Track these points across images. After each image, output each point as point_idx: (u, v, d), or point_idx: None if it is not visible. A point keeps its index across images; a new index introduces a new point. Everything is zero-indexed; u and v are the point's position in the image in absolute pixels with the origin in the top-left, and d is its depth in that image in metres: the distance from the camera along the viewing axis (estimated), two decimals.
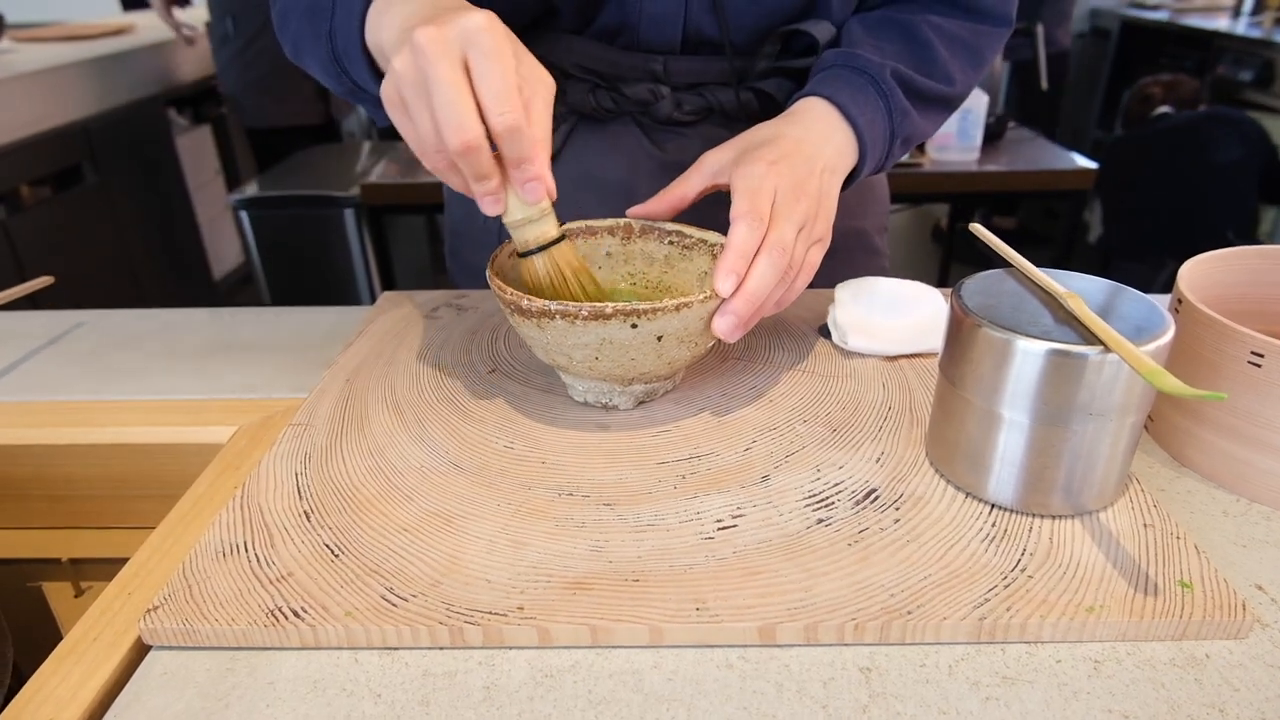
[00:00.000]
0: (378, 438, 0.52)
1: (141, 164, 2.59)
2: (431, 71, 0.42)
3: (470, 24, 0.42)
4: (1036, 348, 0.40)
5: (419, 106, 0.43)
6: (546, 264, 0.51)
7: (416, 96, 0.43)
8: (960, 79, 0.65)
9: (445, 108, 0.42)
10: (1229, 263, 0.56)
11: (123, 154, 2.49)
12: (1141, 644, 0.38)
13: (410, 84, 0.43)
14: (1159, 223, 2.29)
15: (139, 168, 2.57)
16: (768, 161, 0.52)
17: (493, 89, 0.43)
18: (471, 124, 0.42)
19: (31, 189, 2.18)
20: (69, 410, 0.60)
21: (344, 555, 0.42)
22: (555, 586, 0.40)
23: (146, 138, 2.63)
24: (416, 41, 0.42)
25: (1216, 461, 0.49)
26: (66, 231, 2.25)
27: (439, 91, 0.42)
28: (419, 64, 0.42)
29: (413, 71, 0.43)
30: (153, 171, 2.65)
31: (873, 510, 0.45)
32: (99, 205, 2.38)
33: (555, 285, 0.51)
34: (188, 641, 0.39)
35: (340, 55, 0.54)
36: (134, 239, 2.51)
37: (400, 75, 0.43)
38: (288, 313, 0.76)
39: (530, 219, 0.49)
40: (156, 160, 2.68)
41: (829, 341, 0.63)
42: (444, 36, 0.42)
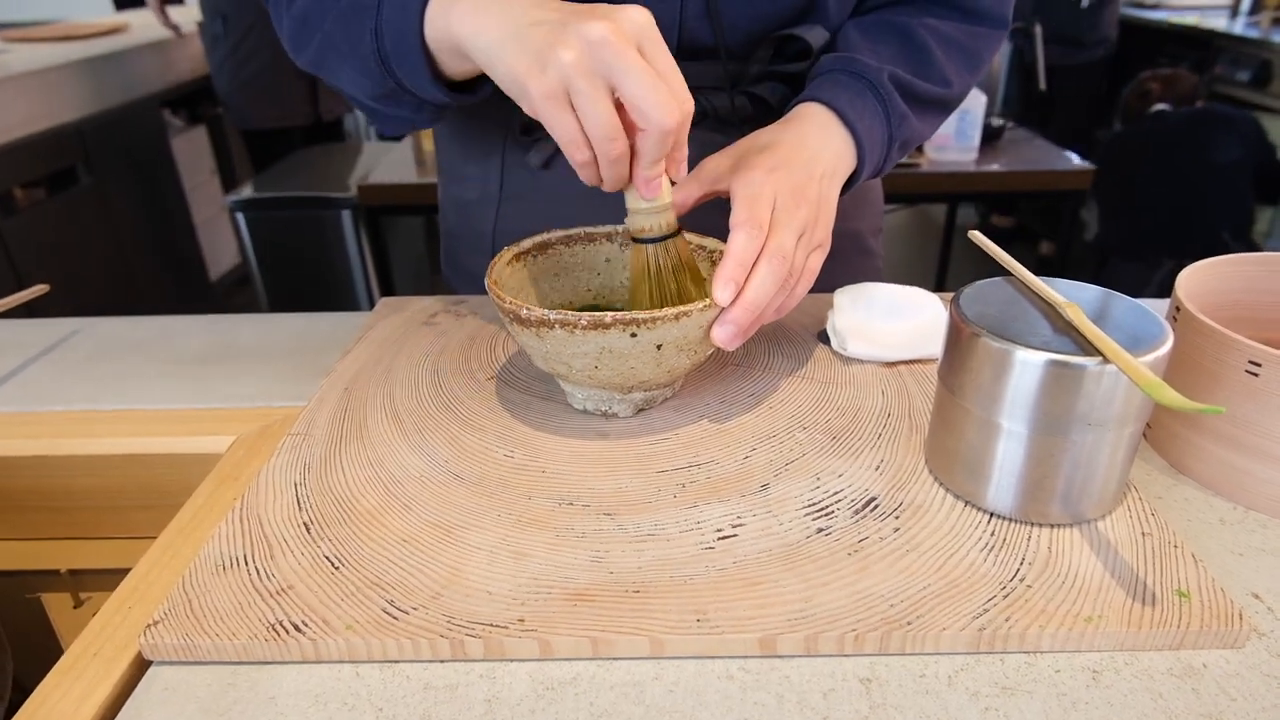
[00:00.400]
0: (377, 447, 0.52)
1: (136, 165, 2.58)
2: (622, 63, 0.42)
3: (639, 16, 0.44)
4: (1035, 358, 0.40)
5: (594, 98, 0.44)
6: (672, 252, 0.52)
7: (592, 88, 0.43)
8: (957, 81, 0.66)
9: (651, 93, 0.43)
10: (1226, 269, 0.56)
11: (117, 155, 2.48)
12: (1139, 654, 0.38)
13: (586, 74, 0.43)
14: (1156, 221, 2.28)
15: (134, 169, 2.56)
16: (767, 168, 0.52)
17: (678, 79, 0.45)
18: (680, 100, 0.44)
19: (25, 191, 2.17)
20: (66, 421, 0.60)
21: (344, 567, 0.42)
22: (556, 598, 0.40)
23: (141, 139, 2.62)
24: (592, 35, 0.42)
25: (1214, 469, 0.49)
26: (61, 234, 2.24)
27: (636, 78, 0.43)
28: (600, 55, 0.42)
29: (590, 62, 0.43)
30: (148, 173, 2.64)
31: (872, 519, 0.45)
32: (94, 207, 2.37)
33: (671, 273, 0.52)
34: (188, 656, 0.39)
35: (389, 54, 0.53)
36: (129, 241, 2.51)
37: (572, 66, 0.43)
38: (285, 319, 0.76)
39: (669, 204, 0.50)
40: (152, 161, 2.67)
41: (828, 347, 0.63)
42: (621, 29, 0.43)
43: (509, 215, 0.73)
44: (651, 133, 0.44)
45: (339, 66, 0.57)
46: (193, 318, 0.76)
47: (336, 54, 0.56)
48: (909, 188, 2.01)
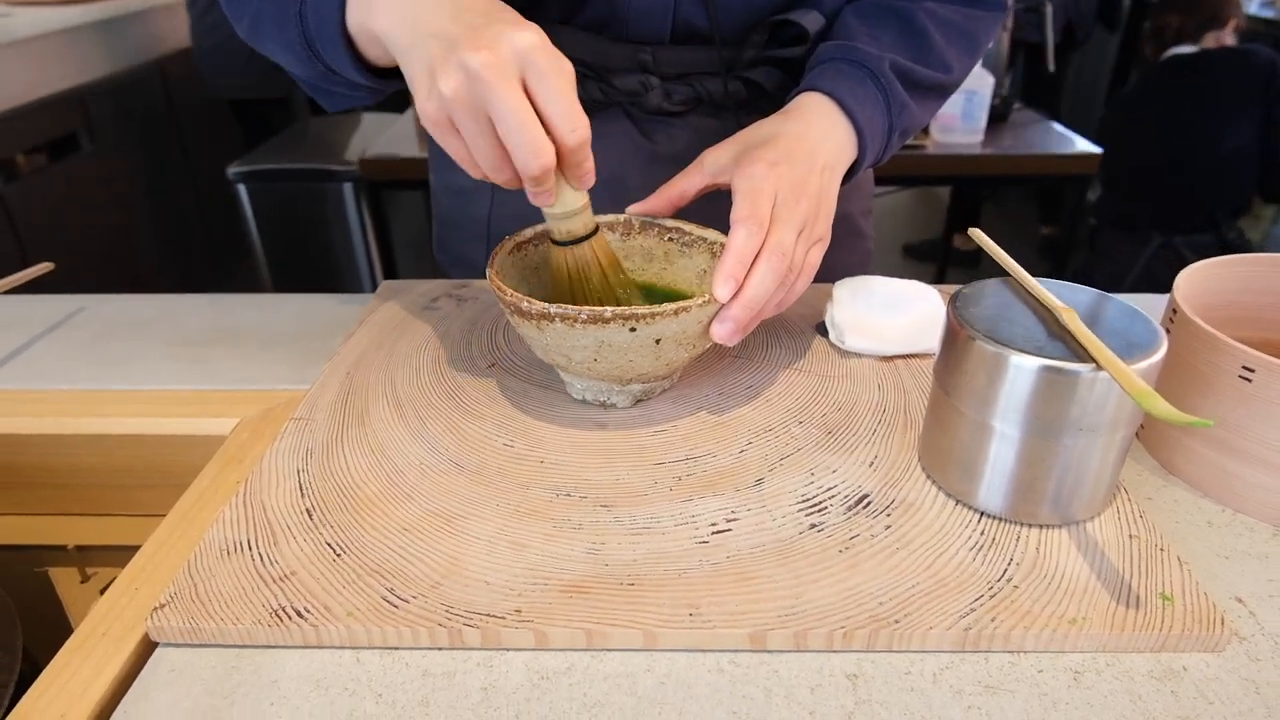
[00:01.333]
0: (378, 434, 0.53)
1: (140, 132, 2.57)
2: (494, 98, 0.41)
3: (522, 42, 0.42)
4: (1029, 363, 0.41)
5: (475, 130, 0.43)
6: (585, 253, 0.52)
7: (472, 121, 0.43)
8: (957, 66, 0.65)
9: (517, 134, 0.42)
10: (1225, 270, 0.57)
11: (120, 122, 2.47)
12: (1121, 655, 0.39)
13: (465, 108, 0.42)
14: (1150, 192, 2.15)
15: (137, 136, 2.55)
16: (768, 162, 0.52)
17: (560, 110, 0.43)
18: (547, 148, 0.43)
19: (27, 158, 2.16)
20: (73, 400, 0.61)
21: (346, 555, 0.43)
22: (552, 589, 0.41)
23: (144, 105, 2.61)
24: (470, 66, 0.41)
25: (1204, 472, 0.50)
26: (63, 200, 2.24)
27: (508, 119, 0.42)
28: (476, 90, 0.41)
29: (467, 96, 0.42)
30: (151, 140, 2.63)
31: (864, 516, 0.46)
32: (96, 174, 2.37)
33: (585, 275, 0.53)
34: (193, 639, 0.40)
35: (313, 38, 0.52)
36: (132, 208, 2.50)
37: (451, 100, 0.42)
38: (287, 300, 0.76)
39: (575, 211, 0.50)
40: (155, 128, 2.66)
41: (826, 340, 0.63)
42: (499, 60, 0.41)
43: (504, 201, 0.73)
44: (520, 171, 0.44)
45: (272, 44, 0.56)
46: (196, 297, 0.77)
47: (268, 32, 0.55)
48: (915, 169, 2.00)
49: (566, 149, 0.44)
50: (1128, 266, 2.14)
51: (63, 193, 2.24)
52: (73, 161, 2.30)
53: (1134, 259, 2.14)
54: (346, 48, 0.50)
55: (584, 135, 0.44)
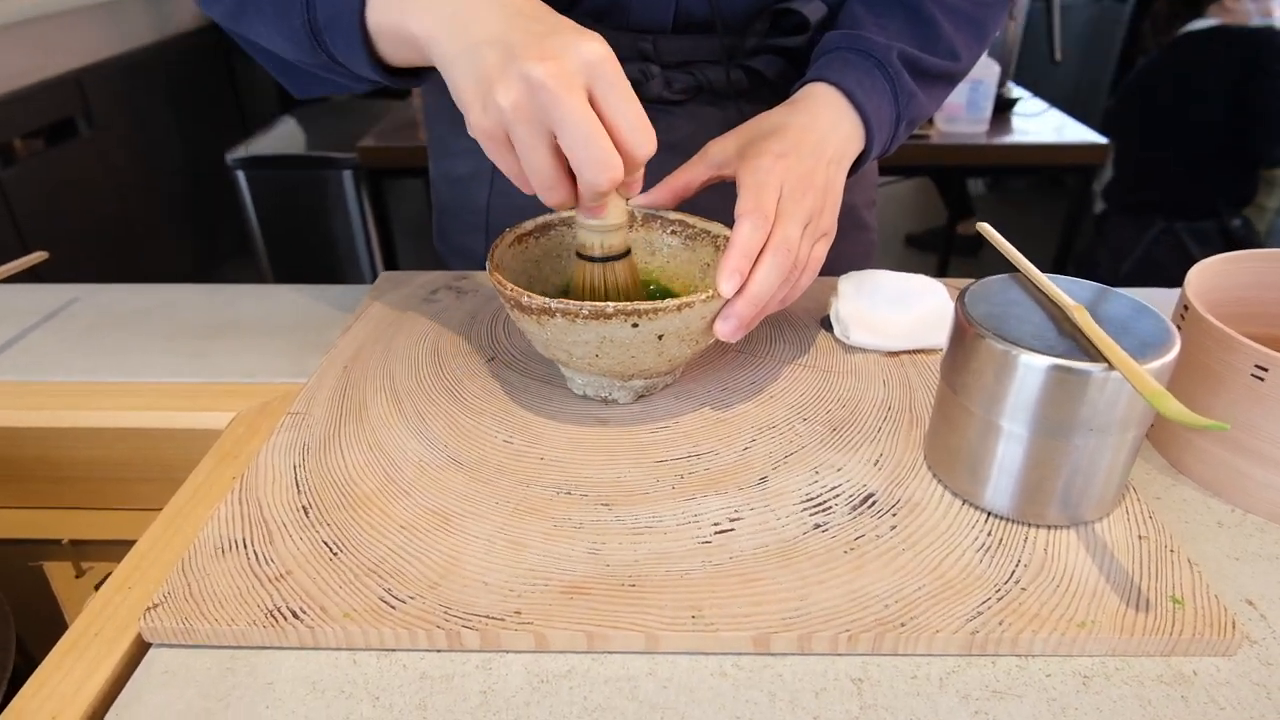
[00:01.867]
0: (376, 429, 0.52)
1: (138, 117, 2.55)
2: (562, 111, 0.39)
3: (590, 53, 0.40)
4: (1039, 362, 0.40)
5: (533, 146, 0.41)
6: (621, 272, 0.50)
7: (532, 136, 0.41)
8: (965, 54, 0.64)
9: (587, 149, 0.40)
10: (1236, 265, 0.56)
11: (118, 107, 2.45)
12: (1131, 659, 0.39)
13: (526, 121, 0.41)
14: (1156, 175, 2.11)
15: (135, 121, 2.53)
16: (774, 154, 0.51)
17: (630, 123, 0.41)
18: (617, 162, 0.41)
19: (25, 142, 2.15)
20: (68, 392, 0.60)
21: (343, 553, 0.43)
22: (552, 590, 0.40)
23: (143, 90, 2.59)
24: (534, 77, 0.39)
25: (1214, 471, 0.49)
26: (61, 186, 2.22)
27: (577, 132, 0.40)
28: (540, 102, 0.40)
29: (529, 109, 0.40)
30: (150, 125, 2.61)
31: (869, 516, 0.45)
32: (93, 159, 2.35)
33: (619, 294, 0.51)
34: (187, 640, 0.39)
35: (322, 29, 0.49)
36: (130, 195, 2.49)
37: (511, 112, 0.40)
38: (285, 291, 0.75)
39: (620, 225, 0.48)
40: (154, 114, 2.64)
41: (830, 335, 0.62)
42: (565, 70, 0.39)
43: (503, 191, 0.72)
44: (584, 187, 0.43)
45: (259, 25, 0.53)
46: (193, 287, 0.76)
47: (261, 14, 0.52)
48: (919, 159, 1.98)
49: (635, 163, 0.43)
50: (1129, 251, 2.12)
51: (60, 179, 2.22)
52: (70, 147, 2.28)
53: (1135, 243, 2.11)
54: (363, 43, 0.48)
55: (653, 148, 0.42)
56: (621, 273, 0.50)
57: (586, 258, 0.50)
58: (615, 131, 0.41)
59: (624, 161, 0.42)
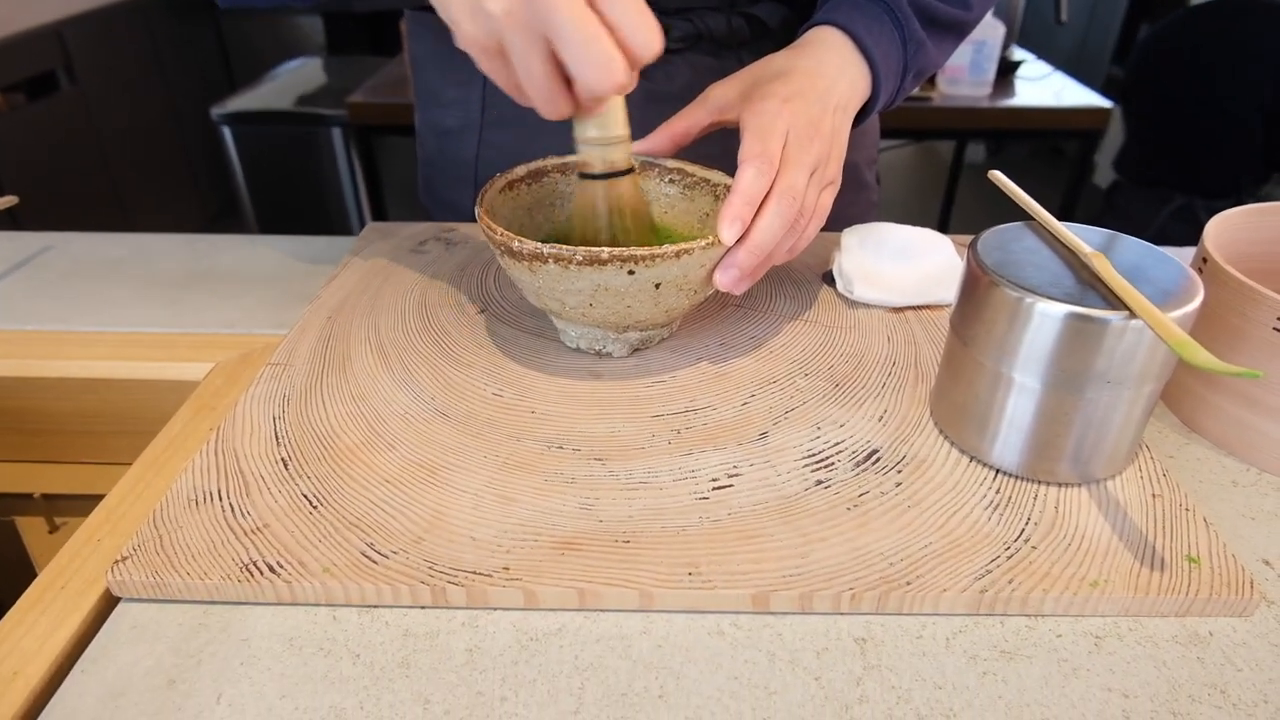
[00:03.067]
0: (360, 381, 0.50)
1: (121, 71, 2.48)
2: (561, 17, 0.36)
3: None
4: (1055, 310, 0.38)
5: (528, 53, 0.38)
6: (625, 189, 0.48)
7: (529, 43, 0.38)
8: (976, 4, 0.62)
9: (586, 49, 0.37)
10: (1256, 219, 0.54)
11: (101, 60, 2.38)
12: (1144, 619, 0.37)
13: (519, 28, 0.38)
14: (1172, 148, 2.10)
15: (118, 75, 2.47)
16: (780, 98, 0.49)
17: (635, 22, 0.38)
18: (621, 62, 0.38)
19: (4, 96, 2.09)
20: (39, 341, 0.58)
21: (323, 507, 0.41)
22: (543, 546, 0.39)
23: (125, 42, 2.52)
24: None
25: (1228, 429, 0.48)
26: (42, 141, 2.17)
27: (575, 33, 0.37)
28: (536, 7, 0.37)
29: (523, 13, 0.37)
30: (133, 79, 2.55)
31: (874, 472, 0.43)
32: (75, 114, 2.30)
33: (621, 214, 0.48)
34: (158, 594, 0.37)
35: None
36: (113, 150, 2.43)
37: (503, 18, 0.38)
38: (268, 241, 0.73)
39: (622, 137, 0.46)
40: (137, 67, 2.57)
41: (833, 290, 0.60)
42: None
43: (492, 143, 0.70)
44: (584, 93, 0.40)
45: None
46: (171, 236, 0.73)
47: None
48: (919, 122, 1.95)
49: (639, 63, 0.39)
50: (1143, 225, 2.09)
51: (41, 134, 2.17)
52: (51, 101, 2.23)
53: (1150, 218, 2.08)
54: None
55: (660, 45, 0.39)
56: (626, 189, 0.48)
57: (588, 175, 0.47)
58: (616, 30, 0.38)
59: (631, 61, 0.39)
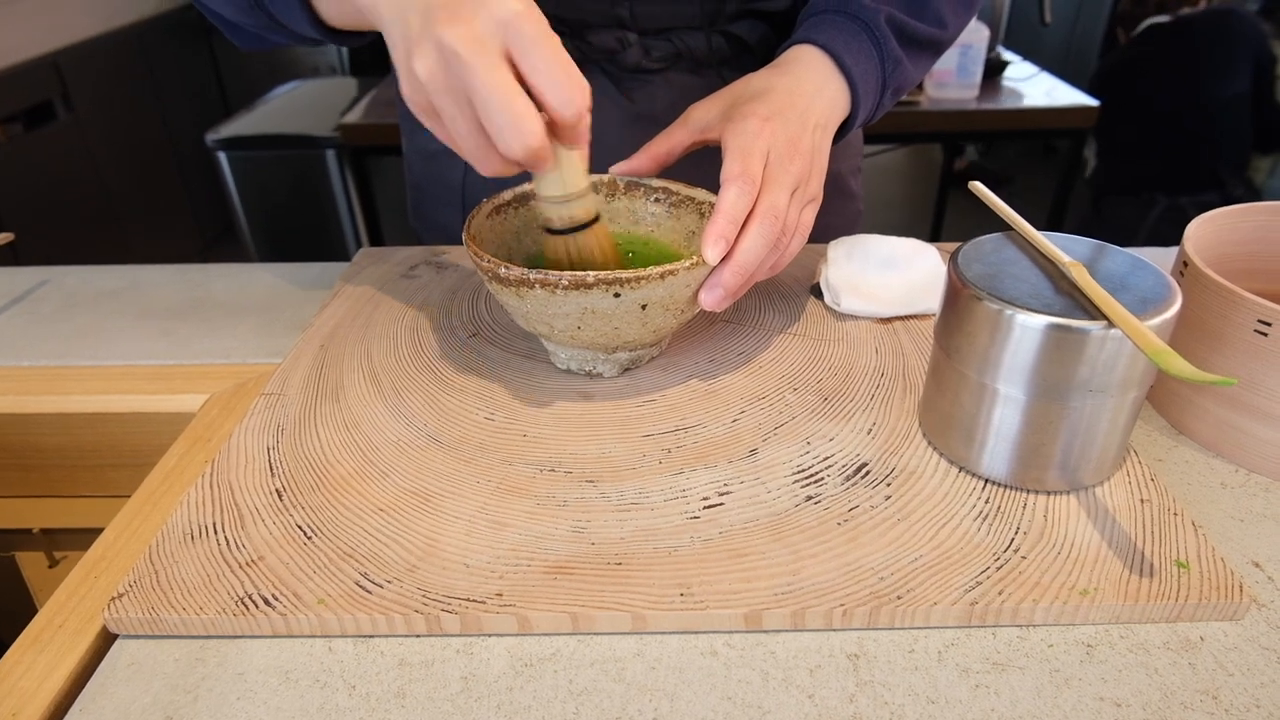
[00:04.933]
0: (353, 409, 0.50)
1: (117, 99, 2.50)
2: (475, 81, 0.37)
3: (503, 10, 0.37)
4: (1035, 321, 0.38)
5: (455, 114, 0.39)
6: (589, 242, 0.48)
7: (455, 105, 0.39)
8: (953, 21, 0.62)
9: (501, 117, 0.37)
10: (1236, 219, 0.54)
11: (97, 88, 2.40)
12: (1135, 626, 0.37)
13: (443, 90, 0.38)
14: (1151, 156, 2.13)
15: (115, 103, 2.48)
16: (760, 118, 0.49)
17: (553, 81, 0.38)
18: (537, 129, 0.38)
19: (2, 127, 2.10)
20: (36, 377, 0.58)
21: (317, 537, 0.41)
22: (535, 570, 0.39)
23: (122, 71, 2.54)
24: (446, 44, 0.37)
25: (1216, 431, 0.48)
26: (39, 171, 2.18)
27: (488, 99, 0.37)
28: (455, 71, 0.37)
29: (446, 78, 0.38)
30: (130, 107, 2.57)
31: (863, 486, 0.43)
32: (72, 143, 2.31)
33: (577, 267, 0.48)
34: (154, 630, 0.37)
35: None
36: (110, 178, 2.45)
37: (428, 83, 0.38)
38: (261, 270, 0.73)
39: (579, 193, 0.45)
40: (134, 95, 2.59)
41: (821, 302, 0.61)
42: (477, 34, 0.37)
43: None
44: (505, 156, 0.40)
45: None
46: (165, 267, 0.74)
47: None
48: (907, 126, 1.96)
49: (566, 123, 0.40)
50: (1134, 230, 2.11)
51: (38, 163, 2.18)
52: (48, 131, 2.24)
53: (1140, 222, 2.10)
54: (302, 6, 0.46)
55: (583, 104, 0.39)
56: (587, 243, 0.48)
57: (549, 230, 0.47)
58: (539, 92, 0.38)
59: (555, 121, 0.39)
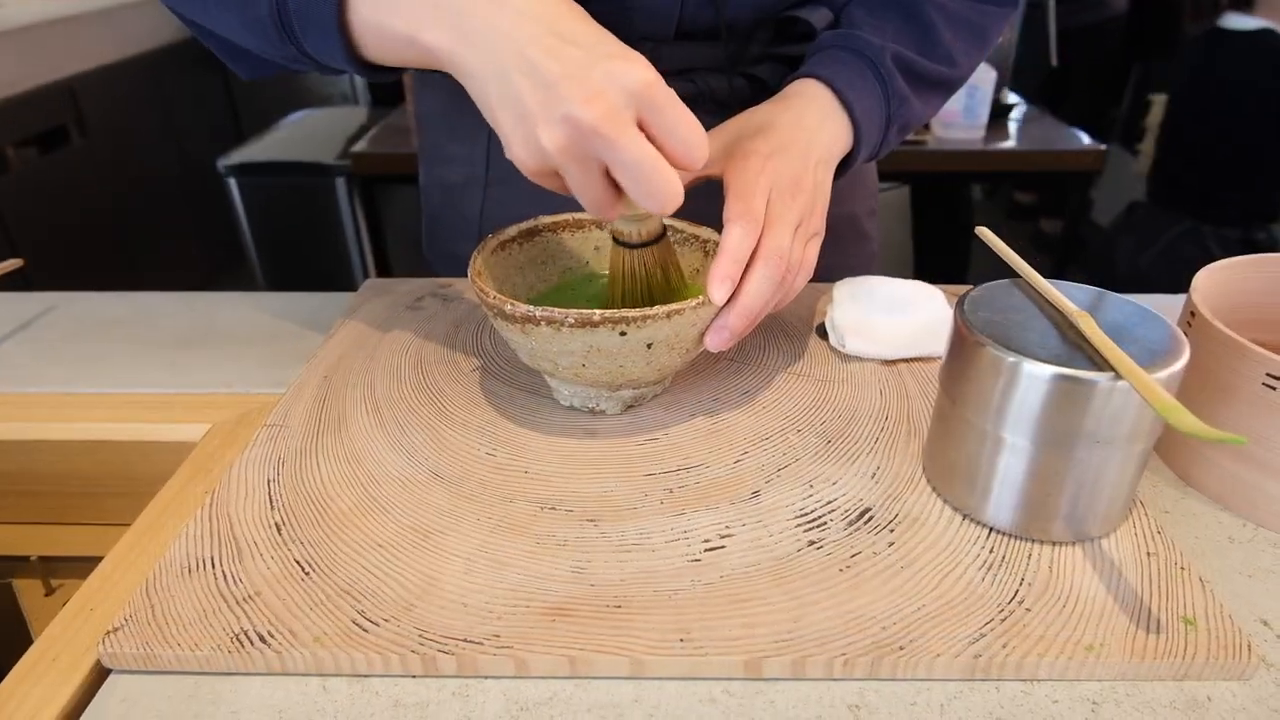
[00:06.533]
0: (355, 442, 0.50)
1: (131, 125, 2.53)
2: (623, 156, 0.38)
3: (634, 82, 0.38)
4: (1042, 371, 0.38)
5: (583, 178, 0.40)
6: (661, 255, 0.49)
7: (584, 171, 0.40)
8: (963, 61, 0.63)
9: (649, 183, 0.39)
10: (1244, 270, 0.54)
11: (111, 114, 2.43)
12: (1141, 684, 0.37)
13: (574, 160, 0.39)
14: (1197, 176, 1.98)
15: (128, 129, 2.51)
16: (763, 156, 0.50)
17: (685, 142, 0.40)
18: (677, 188, 0.40)
19: (16, 151, 2.13)
20: (38, 404, 0.58)
21: (315, 573, 0.41)
22: (534, 612, 0.38)
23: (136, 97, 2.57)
24: (585, 122, 0.37)
25: (1224, 484, 0.47)
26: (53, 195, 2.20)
27: (637, 171, 0.39)
28: (590, 144, 0.38)
29: (579, 150, 0.39)
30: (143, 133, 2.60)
31: (866, 532, 0.43)
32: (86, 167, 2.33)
33: (658, 277, 0.50)
34: (149, 666, 0.37)
35: (292, 15, 0.45)
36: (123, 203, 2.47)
37: (558, 154, 0.39)
38: (267, 299, 0.73)
39: (648, 214, 0.47)
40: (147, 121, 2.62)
41: (826, 343, 0.61)
42: (613, 109, 0.38)
43: (496, 199, 0.71)
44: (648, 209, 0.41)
45: (221, 12, 0.49)
46: (171, 295, 0.74)
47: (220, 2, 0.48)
48: (913, 165, 1.97)
49: (692, 171, 0.41)
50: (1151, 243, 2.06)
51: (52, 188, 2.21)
52: (63, 155, 2.26)
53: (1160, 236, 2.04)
54: (341, 39, 0.44)
55: (706, 154, 0.41)
56: (657, 255, 0.49)
57: (624, 244, 0.49)
58: (670, 151, 0.40)
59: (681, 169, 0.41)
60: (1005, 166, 2.00)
